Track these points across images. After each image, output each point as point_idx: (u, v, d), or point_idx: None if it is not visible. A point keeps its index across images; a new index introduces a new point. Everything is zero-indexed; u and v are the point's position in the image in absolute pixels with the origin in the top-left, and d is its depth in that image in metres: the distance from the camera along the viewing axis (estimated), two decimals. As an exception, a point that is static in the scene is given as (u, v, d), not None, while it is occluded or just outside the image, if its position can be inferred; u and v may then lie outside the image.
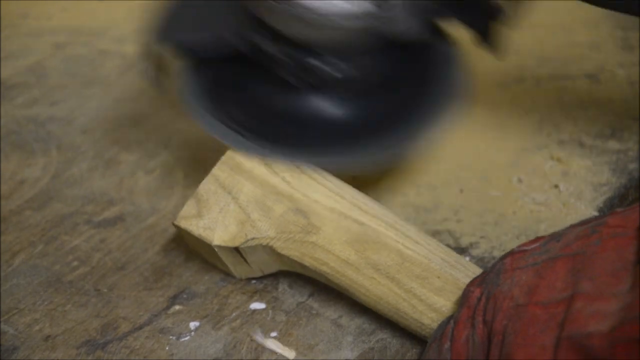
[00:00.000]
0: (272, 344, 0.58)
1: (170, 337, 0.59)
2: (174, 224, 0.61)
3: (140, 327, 0.60)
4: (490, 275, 0.52)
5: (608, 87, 0.79)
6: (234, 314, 0.61)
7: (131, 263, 0.65)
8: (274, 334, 0.59)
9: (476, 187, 0.70)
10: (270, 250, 0.59)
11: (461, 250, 0.64)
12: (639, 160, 0.70)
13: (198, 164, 0.73)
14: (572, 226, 0.51)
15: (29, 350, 0.59)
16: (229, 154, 0.62)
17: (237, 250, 0.60)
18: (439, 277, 0.57)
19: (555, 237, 0.51)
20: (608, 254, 0.46)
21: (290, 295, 0.62)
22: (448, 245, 0.63)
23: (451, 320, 0.52)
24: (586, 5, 0.63)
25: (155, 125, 0.78)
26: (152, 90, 0.67)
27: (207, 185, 0.62)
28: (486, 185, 0.70)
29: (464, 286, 0.54)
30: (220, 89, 0.65)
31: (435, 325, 0.55)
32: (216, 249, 0.60)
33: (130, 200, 0.71)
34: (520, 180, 0.70)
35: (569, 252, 0.48)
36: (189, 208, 0.61)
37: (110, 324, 0.60)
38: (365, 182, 0.67)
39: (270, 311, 0.61)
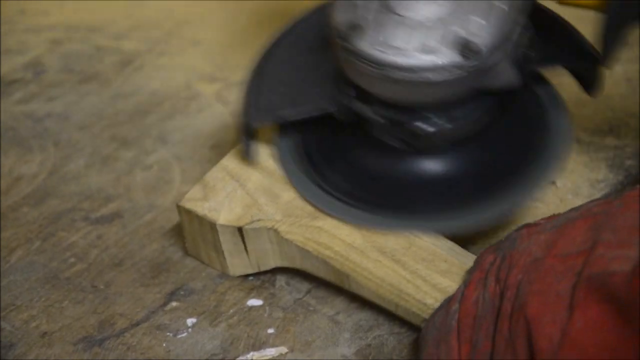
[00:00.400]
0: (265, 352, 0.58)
1: (168, 333, 0.59)
2: (177, 206, 0.62)
3: (138, 324, 0.60)
4: (506, 243, 0.52)
5: (606, 83, 0.79)
6: (231, 311, 0.61)
7: (128, 259, 0.65)
8: (271, 330, 0.59)
9: (473, 183, 0.70)
10: (273, 235, 0.60)
11: (458, 247, 0.64)
12: (637, 156, 0.70)
13: (195, 160, 0.73)
14: (590, 201, 0.51)
15: (26, 347, 0.59)
16: (239, 147, 0.63)
17: (240, 233, 0.60)
18: (445, 261, 0.57)
19: (573, 209, 0.51)
20: (630, 213, 0.46)
21: (287, 292, 0.62)
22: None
23: (459, 288, 0.52)
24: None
25: (153, 122, 0.78)
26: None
27: (214, 173, 0.63)
28: (483, 181, 0.70)
29: None
30: (319, 155, 0.63)
31: (437, 305, 0.55)
32: (219, 230, 0.60)
33: (127, 196, 0.71)
34: (517, 177, 0.70)
35: (590, 213, 0.48)
36: (194, 192, 0.62)
37: (107, 321, 0.60)
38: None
39: (267, 308, 0.61)
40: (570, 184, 0.68)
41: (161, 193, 0.71)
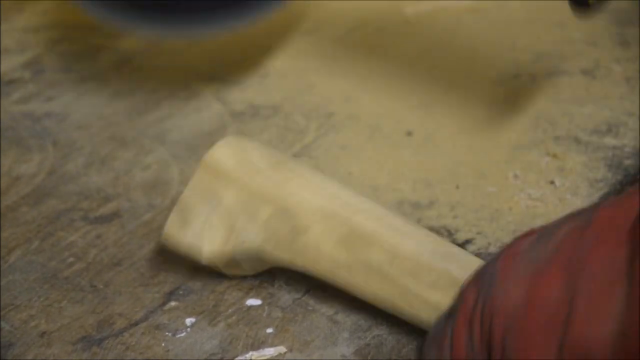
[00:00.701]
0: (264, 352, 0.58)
1: (166, 333, 0.59)
2: (161, 239, 0.62)
3: (136, 324, 0.60)
4: (485, 277, 0.51)
5: (604, 83, 0.79)
6: (230, 310, 0.61)
7: (127, 259, 0.65)
8: (270, 330, 0.59)
9: (472, 183, 0.70)
10: (261, 253, 0.60)
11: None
12: (636, 156, 0.70)
13: (194, 160, 0.73)
14: (565, 219, 0.50)
15: (24, 347, 0.59)
16: (205, 160, 0.62)
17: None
18: (430, 271, 0.56)
19: (545, 235, 0.50)
20: (604, 250, 0.45)
21: (286, 292, 0.62)
22: (444, 242, 0.63)
23: (449, 319, 0.52)
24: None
25: (151, 121, 0.78)
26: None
27: (187, 199, 0.61)
28: (482, 181, 0.70)
29: (457, 277, 0.54)
30: None
31: (433, 318, 0.55)
32: (206, 263, 0.61)
33: (126, 196, 0.71)
34: (516, 176, 0.70)
35: (565, 256, 0.47)
36: (173, 222, 0.61)
37: (106, 320, 0.60)
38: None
39: (266, 307, 0.61)
40: (569, 184, 0.69)
41: (160, 193, 0.71)
